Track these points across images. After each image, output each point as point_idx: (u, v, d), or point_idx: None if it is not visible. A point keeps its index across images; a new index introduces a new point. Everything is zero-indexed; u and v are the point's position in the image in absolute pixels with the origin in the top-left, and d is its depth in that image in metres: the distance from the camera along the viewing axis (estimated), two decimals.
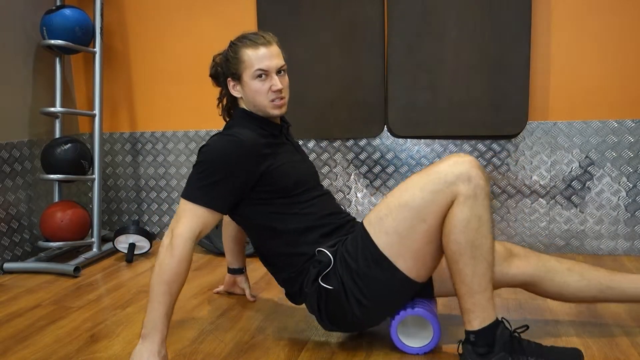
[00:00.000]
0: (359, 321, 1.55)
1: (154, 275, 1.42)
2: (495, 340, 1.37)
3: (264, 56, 1.55)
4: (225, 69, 1.61)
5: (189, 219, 1.45)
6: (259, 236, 1.64)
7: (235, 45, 1.59)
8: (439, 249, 1.46)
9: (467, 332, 1.40)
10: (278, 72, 1.57)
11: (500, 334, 1.37)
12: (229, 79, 1.61)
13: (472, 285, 1.38)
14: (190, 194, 1.48)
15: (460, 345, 1.42)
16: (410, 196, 1.41)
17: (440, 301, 1.87)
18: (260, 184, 1.54)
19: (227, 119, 1.73)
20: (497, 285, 1.56)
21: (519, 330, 1.42)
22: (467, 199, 1.36)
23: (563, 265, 1.61)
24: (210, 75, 1.69)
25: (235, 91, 1.62)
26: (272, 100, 1.57)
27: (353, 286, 1.48)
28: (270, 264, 1.67)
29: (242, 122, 1.61)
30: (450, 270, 1.43)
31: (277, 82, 1.56)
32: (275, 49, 1.58)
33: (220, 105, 1.74)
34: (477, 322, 1.38)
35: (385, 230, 1.44)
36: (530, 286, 1.62)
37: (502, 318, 1.42)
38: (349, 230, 1.60)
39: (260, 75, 1.55)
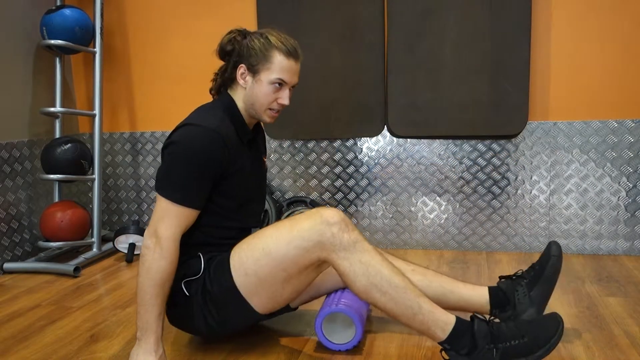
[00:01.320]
0: (199, 332, 1.59)
1: (142, 278, 1.41)
2: (475, 336, 1.36)
3: (291, 69, 1.53)
4: (246, 54, 1.54)
5: (174, 219, 1.43)
6: None
7: (268, 41, 1.52)
8: (296, 291, 1.51)
9: (441, 344, 1.39)
10: (292, 87, 1.58)
11: (477, 329, 1.36)
12: (242, 64, 1.55)
13: (404, 313, 1.39)
14: (170, 193, 1.43)
15: (443, 352, 1.41)
16: (275, 247, 1.44)
17: None
18: (217, 184, 1.51)
19: (214, 95, 1.67)
20: (343, 284, 1.65)
21: (492, 318, 1.43)
22: (338, 255, 1.39)
23: (409, 267, 1.68)
24: (222, 48, 1.58)
25: (242, 80, 1.56)
26: (271, 109, 1.57)
27: (204, 305, 1.52)
28: None
29: (221, 111, 1.55)
30: (380, 310, 1.45)
31: (287, 98, 1.56)
32: (299, 66, 1.57)
33: (215, 79, 1.65)
34: (438, 333, 1.38)
35: (245, 271, 1.47)
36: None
37: (474, 314, 1.41)
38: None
39: (276, 84, 1.53)
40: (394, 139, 2.62)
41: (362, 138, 2.65)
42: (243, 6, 2.69)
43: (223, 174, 1.50)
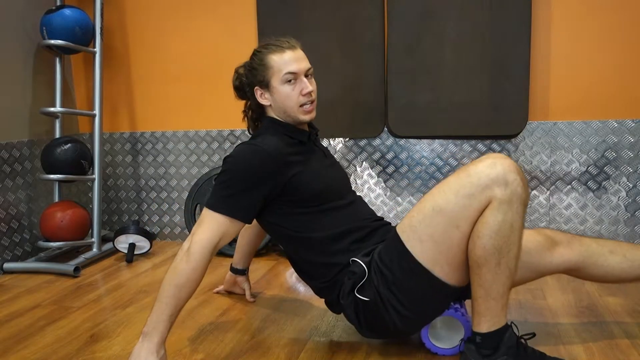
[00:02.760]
0: (400, 330, 1.51)
1: (167, 275, 1.42)
2: (501, 343, 1.36)
3: (292, 59, 1.53)
4: (252, 77, 1.59)
5: (209, 226, 1.44)
6: (288, 244, 1.61)
7: (260, 53, 1.56)
8: None
9: (475, 333, 1.39)
10: (306, 75, 1.56)
11: (507, 338, 1.37)
12: (256, 87, 1.58)
13: (490, 291, 1.35)
14: (212, 203, 1.46)
15: (463, 343, 1.42)
16: (444, 201, 1.36)
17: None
18: (287, 192, 1.51)
19: (253, 131, 1.70)
20: (541, 274, 1.56)
21: (525, 337, 1.42)
22: (501, 204, 1.31)
23: (605, 247, 1.57)
24: (235, 88, 1.67)
25: (264, 99, 1.59)
26: (302, 105, 1.56)
27: (390, 296, 1.44)
28: (303, 272, 1.64)
29: (269, 130, 1.59)
30: (471, 270, 1.39)
31: (307, 85, 1.55)
32: (300, 52, 1.56)
33: (246, 117, 1.71)
34: (486, 325, 1.37)
35: (419, 237, 1.40)
36: (574, 272, 1.59)
37: (511, 322, 1.41)
38: (383, 236, 1.56)
39: (289, 80, 1.53)
40: (394, 139, 2.62)
41: (362, 138, 2.65)
42: (243, 6, 2.69)
43: (278, 183, 1.49)
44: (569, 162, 2.45)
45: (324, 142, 2.69)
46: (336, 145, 2.68)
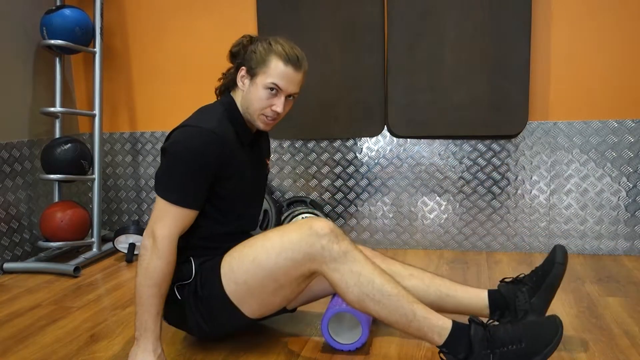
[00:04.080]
0: (196, 334, 1.63)
1: (140, 278, 1.43)
2: (471, 340, 1.35)
3: (287, 76, 1.51)
4: (248, 58, 1.56)
5: (170, 220, 1.44)
6: None
7: (270, 47, 1.52)
8: (286, 299, 1.52)
9: (438, 347, 1.39)
10: (288, 96, 1.55)
11: (474, 333, 1.36)
12: (243, 67, 1.56)
13: (400, 320, 1.38)
14: (167, 193, 1.44)
15: (442, 354, 1.41)
16: (265, 257, 1.44)
17: None
18: (214, 185, 1.51)
19: (218, 95, 1.68)
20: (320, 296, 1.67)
21: (490, 322, 1.42)
22: (330, 266, 1.40)
23: (407, 271, 1.65)
24: (231, 51, 1.64)
25: (241, 82, 1.57)
26: (265, 115, 1.55)
27: (196, 310, 1.53)
28: None
29: (222, 112, 1.56)
30: (375, 318, 1.46)
31: (280, 106, 1.53)
32: (300, 76, 1.54)
33: (221, 80, 1.68)
34: (435, 337, 1.38)
35: (235, 280, 1.47)
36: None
37: (470, 317, 1.41)
38: None
39: (271, 89, 1.51)
40: (394, 139, 2.62)
41: (362, 138, 2.65)
42: (243, 6, 2.69)
43: (220, 175, 1.50)
44: (569, 162, 2.45)
45: (323, 143, 2.69)
46: (336, 145, 2.68)
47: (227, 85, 1.65)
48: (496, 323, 1.44)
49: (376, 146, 2.64)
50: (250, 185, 1.64)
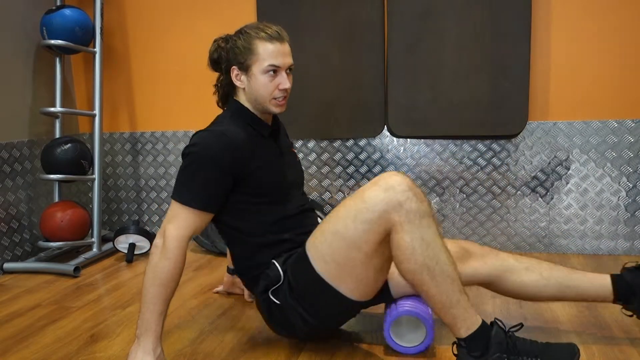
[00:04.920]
0: (307, 334, 1.58)
1: (147, 277, 1.42)
2: (490, 341, 1.36)
3: (279, 52, 1.51)
4: (232, 56, 1.55)
5: (181, 221, 1.44)
6: (226, 235, 1.63)
7: (248, 35, 1.52)
8: (381, 270, 1.46)
9: (458, 339, 1.39)
10: (287, 69, 1.55)
11: (494, 334, 1.36)
12: (233, 67, 1.56)
13: (443, 303, 1.36)
14: (181, 195, 1.46)
15: (455, 346, 1.42)
16: (343, 227, 1.39)
17: None
18: (241, 184, 1.51)
19: (222, 106, 1.69)
20: None
21: (513, 330, 1.42)
22: (403, 226, 1.33)
23: (522, 264, 1.61)
24: (211, 60, 1.63)
25: (239, 81, 1.57)
26: (276, 98, 1.55)
27: (297, 306, 1.50)
28: (235, 265, 1.67)
29: (233, 117, 1.58)
30: (414, 290, 1.42)
31: (286, 81, 1.54)
32: (287, 47, 1.55)
33: (218, 92, 1.68)
34: (462, 330, 1.37)
35: (323, 257, 1.43)
36: (488, 285, 1.63)
37: (496, 319, 1.41)
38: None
39: (270, 72, 1.52)
40: (394, 139, 2.62)
41: (362, 138, 2.65)
42: (243, 6, 2.69)
43: (242, 174, 1.50)
44: (569, 162, 2.45)
45: (323, 143, 2.69)
46: (336, 145, 2.68)
47: (226, 93, 1.66)
48: (517, 332, 1.42)
49: (376, 146, 2.64)
50: (286, 171, 1.63)
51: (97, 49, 2.65)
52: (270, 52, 1.50)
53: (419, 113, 2.51)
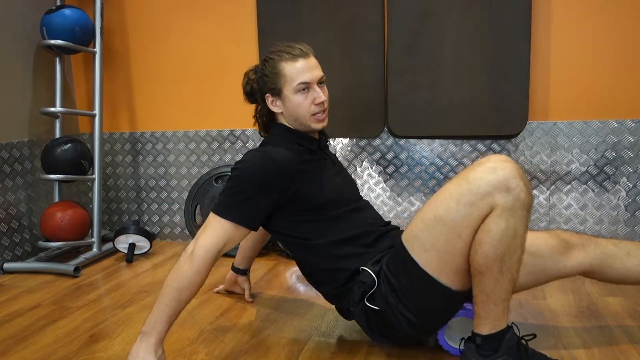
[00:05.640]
0: (412, 336, 1.51)
1: (169, 277, 1.42)
2: (501, 344, 1.36)
3: (304, 68, 1.51)
4: (262, 85, 1.58)
5: (214, 231, 1.44)
6: (297, 251, 1.61)
7: (272, 60, 1.54)
8: None
9: (475, 334, 1.39)
10: (319, 83, 1.55)
11: (508, 339, 1.36)
12: (267, 94, 1.58)
13: (491, 296, 1.34)
14: (219, 208, 1.46)
15: (463, 342, 1.42)
16: (445, 210, 1.34)
17: None
18: (293, 202, 1.52)
19: (264, 135, 1.69)
20: (556, 278, 1.55)
21: (526, 338, 1.41)
22: (503, 211, 1.28)
23: (621, 249, 1.55)
24: (245, 93, 1.65)
25: (275, 107, 1.58)
26: (315, 114, 1.55)
27: (400, 305, 1.44)
28: (311, 278, 1.64)
29: (278, 138, 1.59)
30: (472, 275, 1.37)
31: (320, 94, 1.53)
32: (313, 60, 1.54)
33: (257, 122, 1.71)
34: (487, 327, 1.37)
35: (424, 246, 1.39)
36: (590, 274, 1.58)
37: (512, 323, 1.41)
38: (392, 241, 1.55)
39: (302, 89, 1.52)
40: (394, 139, 2.62)
41: (362, 138, 2.65)
42: (243, 6, 2.69)
43: (290, 193, 1.50)
44: (569, 162, 2.45)
45: None
46: (336, 145, 2.68)
47: (267, 121, 1.68)
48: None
49: (376, 146, 2.64)
50: (341, 182, 1.64)
51: (97, 49, 2.65)
52: (297, 71, 1.51)
53: (419, 113, 2.51)
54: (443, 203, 1.35)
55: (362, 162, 2.66)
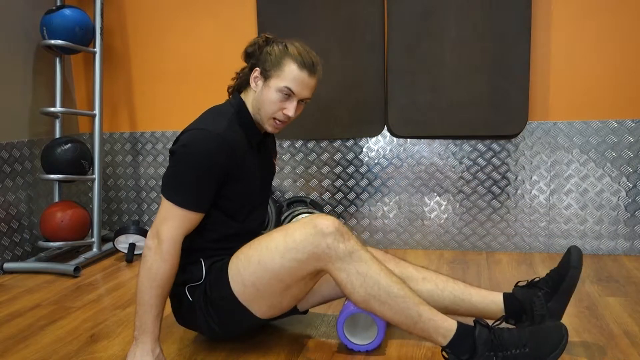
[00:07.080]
0: (207, 335, 1.62)
1: (143, 279, 1.42)
2: (475, 342, 1.35)
3: (301, 81, 1.49)
4: (262, 59, 1.54)
5: (175, 222, 1.43)
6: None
7: (286, 49, 1.51)
8: (296, 297, 1.51)
9: (442, 348, 1.40)
10: (301, 100, 1.54)
11: (478, 335, 1.36)
12: (257, 68, 1.54)
13: (405, 322, 1.39)
14: (173, 195, 1.43)
15: (444, 352, 1.41)
16: (270, 259, 1.43)
17: None
18: (222, 188, 1.51)
19: (229, 94, 1.67)
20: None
21: (496, 324, 1.41)
22: (336, 265, 1.39)
23: (420, 274, 1.64)
24: (246, 51, 1.60)
25: (254, 83, 1.55)
26: (275, 119, 1.54)
27: (206, 310, 1.53)
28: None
29: (230, 114, 1.55)
30: (380, 318, 1.46)
31: (292, 110, 1.52)
32: (313, 81, 1.52)
33: (235, 80, 1.66)
34: (440, 339, 1.38)
35: (243, 281, 1.47)
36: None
37: (476, 319, 1.41)
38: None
39: (285, 93, 1.50)
40: (394, 139, 2.62)
41: (362, 138, 2.65)
42: (243, 6, 2.69)
43: (227, 178, 1.49)
44: (569, 162, 2.45)
45: (323, 143, 2.69)
46: (336, 145, 2.69)
47: (240, 85, 1.64)
48: (501, 326, 1.43)
49: (376, 146, 2.64)
50: (259, 187, 1.63)
51: (97, 49, 2.65)
52: (293, 77, 1.49)
53: (419, 113, 2.51)
54: (269, 253, 1.44)
55: (362, 162, 2.66)
